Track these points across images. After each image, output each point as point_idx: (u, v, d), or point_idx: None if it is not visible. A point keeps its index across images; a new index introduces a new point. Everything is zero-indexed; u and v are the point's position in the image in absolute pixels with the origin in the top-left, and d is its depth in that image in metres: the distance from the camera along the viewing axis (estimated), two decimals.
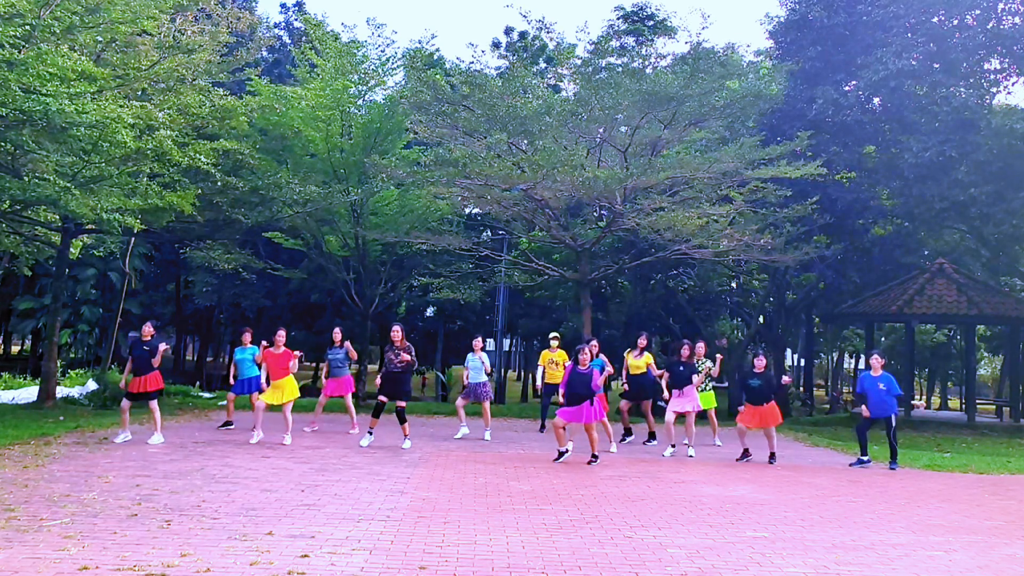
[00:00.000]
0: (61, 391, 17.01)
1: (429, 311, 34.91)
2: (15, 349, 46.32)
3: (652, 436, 13.75)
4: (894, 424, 11.66)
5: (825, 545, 6.67)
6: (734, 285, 27.77)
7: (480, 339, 13.72)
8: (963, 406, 28.57)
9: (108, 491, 7.67)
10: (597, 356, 12.96)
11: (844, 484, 10.08)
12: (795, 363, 41.39)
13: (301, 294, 30.49)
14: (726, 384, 18.36)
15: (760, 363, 11.82)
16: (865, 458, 11.89)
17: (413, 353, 11.80)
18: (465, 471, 9.86)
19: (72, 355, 30.37)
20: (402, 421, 11.82)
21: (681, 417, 12.53)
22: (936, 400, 42.81)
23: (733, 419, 13.24)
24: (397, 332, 11.71)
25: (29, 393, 17.11)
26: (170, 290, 36.69)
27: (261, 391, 12.34)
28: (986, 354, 40.10)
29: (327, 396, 13.76)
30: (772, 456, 11.83)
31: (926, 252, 25.40)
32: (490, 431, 13.58)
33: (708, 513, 7.82)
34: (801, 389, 31.27)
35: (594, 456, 10.92)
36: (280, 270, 22.28)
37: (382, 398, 11.67)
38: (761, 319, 27.19)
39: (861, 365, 43.76)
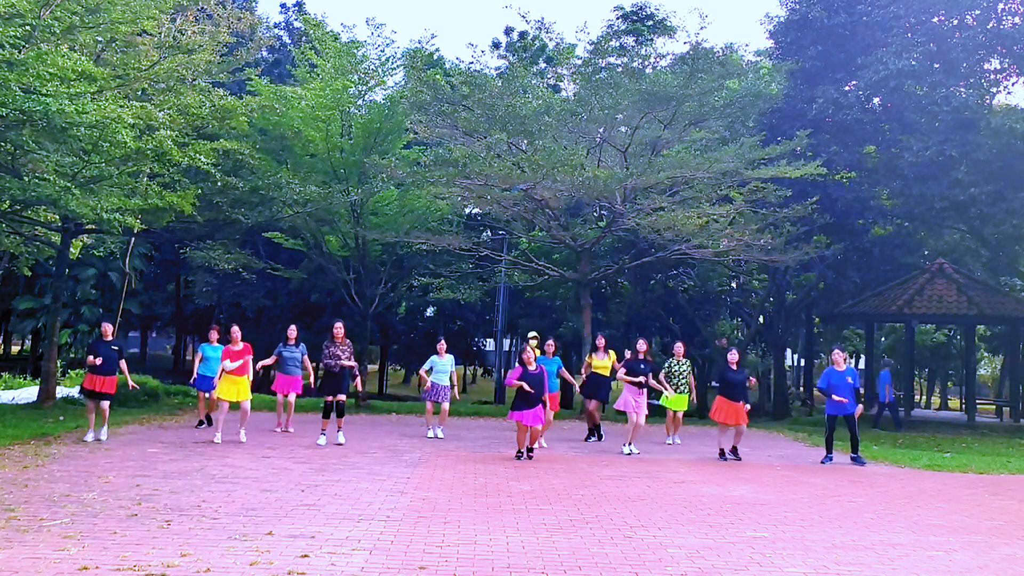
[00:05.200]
0: (61, 391, 17.01)
1: (429, 311, 34.86)
2: (15, 349, 46.26)
3: (598, 433, 13.81)
4: (856, 417, 11.90)
5: (825, 545, 6.67)
6: (734, 285, 27.72)
7: (443, 342, 13.90)
8: (963, 406, 28.53)
9: (108, 491, 7.67)
10: (555, 355, 13.10)
11: (844, 484, 10.08)
12: (795, 363, 41.35)
13: (301, 294, 30.45)
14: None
15: (733, 357, 12.02)
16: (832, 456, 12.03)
17: (351, 352, 12.01)
18: (465, 471, 9.86)
19: (72, 355, 30.30)
20: (340, 415, 11.89)
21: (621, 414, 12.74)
22: (936, 400, 42.73)
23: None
24: (339, 329, 12.00)
25: (29, 393, 17.13)
26: (170, 290, 36.64)
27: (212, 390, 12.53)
28: (986, 354, 40.02)
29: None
30: (735, 450, 11.89)
31: (926, 252, 25.36)
32: (443, 429, 13.55)
33: (708, 513, 7.82)
34: (801, 389, 31.24)
35: (530, 451, 11.08)
36: (280, 270, 22.27)
37: (329, 398, 11.82)
38: (761, 319, 27.16)
39: (862, 365, 43.71)
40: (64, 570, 5.14)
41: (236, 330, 12.22)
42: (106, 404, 11.50)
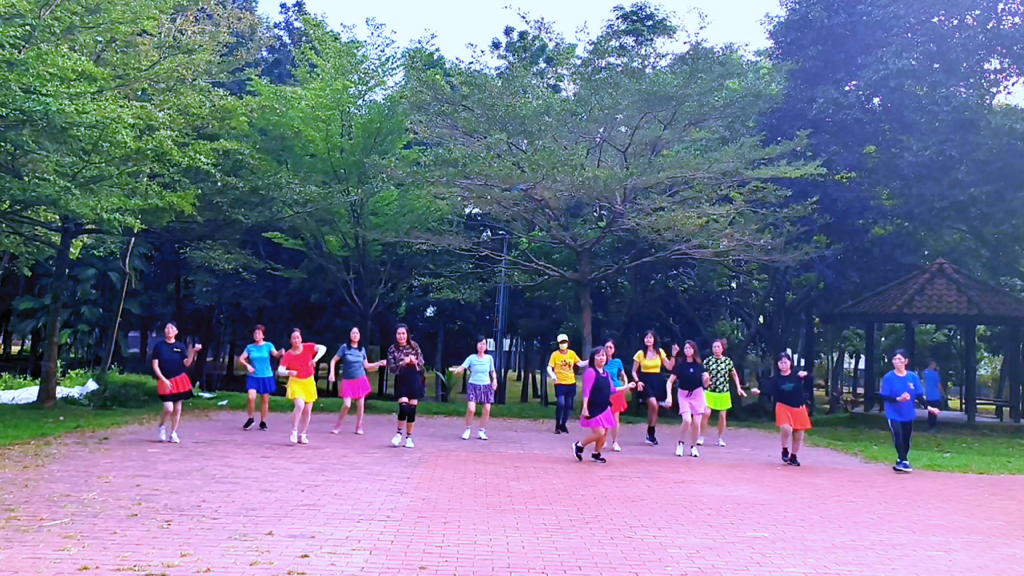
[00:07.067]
0: (61, 391, 17.00)
1: (429, 311, 34.88)
2: (15, 349, 46.27)
3: (651, 433, 13.82)
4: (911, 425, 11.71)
5: (825, 545, 6.67)
6: (734, 285, 27.75)
7: (484, 342, 13.80)
8: (963, 406, 28.53)
9: (108, 491, 7.67)
10: (613, 357, 13.04)
11: (844, 484, 10.08)
12: (795, 363, 41.39)
13: (301, 294, 30.46)
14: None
15: (784, 365, 11.90)
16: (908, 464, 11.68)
17: (420, 353, 11.98)
18: (465, 471, 9.86)
19: (72, 355, 30.34)
20: (411, 419, 11.94)
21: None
22: None
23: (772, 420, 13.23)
24: (403, 334, 11.92)
25: (29, 393, 17.10)
26: (170, 290, 36.64)
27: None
28: (986, 354, 40.04)
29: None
30: (794, 459, 11.78)
31: (926, 252, 25.38)
32: (485, 430, 13.67)
33: (708, 513, 7.82)
34: None
35: (596, 456, 11.05)
36: (280, 270, 22.26)
37: (403, 400, 11.83)
38: (761, 319, 27.17)
39: (861, 365, 43.71)
40: (64, 570, 5.14)
41: (297, 335, 12.15)
42: (179, 404, 11.61)
